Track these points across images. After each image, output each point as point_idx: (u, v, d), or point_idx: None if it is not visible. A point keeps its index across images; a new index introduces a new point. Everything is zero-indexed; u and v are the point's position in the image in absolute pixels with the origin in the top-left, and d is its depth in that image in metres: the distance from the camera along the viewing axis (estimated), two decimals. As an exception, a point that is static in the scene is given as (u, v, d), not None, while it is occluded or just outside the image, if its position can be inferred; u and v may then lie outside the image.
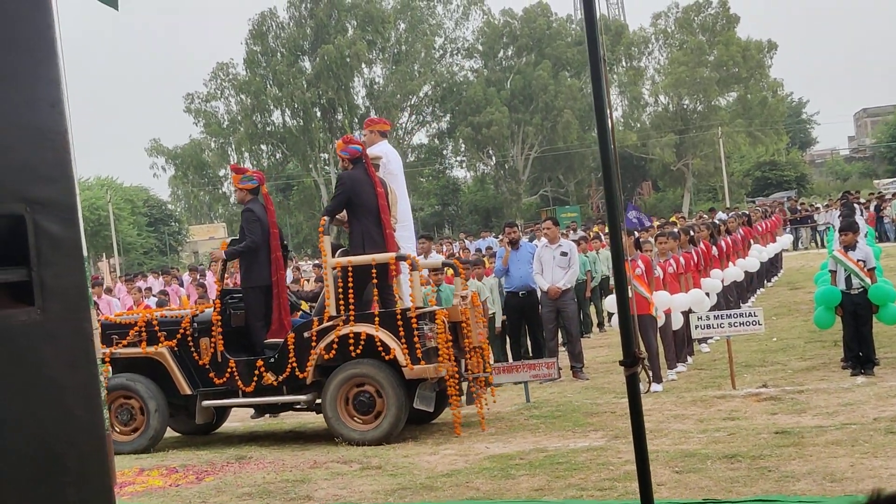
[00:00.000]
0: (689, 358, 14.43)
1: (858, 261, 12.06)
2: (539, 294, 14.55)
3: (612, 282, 20.27)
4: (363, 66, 67.90)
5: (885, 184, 51.96)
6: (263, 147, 69.66)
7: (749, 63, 68.38)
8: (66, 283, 2.73)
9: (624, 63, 73.52)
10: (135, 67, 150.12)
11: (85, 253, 2.61)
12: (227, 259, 12.04)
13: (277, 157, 70.70)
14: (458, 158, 75.82)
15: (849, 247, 12.24)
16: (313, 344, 11.07)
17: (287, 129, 67.55)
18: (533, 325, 14.91)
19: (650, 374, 10.98)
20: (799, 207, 43.03)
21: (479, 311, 11.92)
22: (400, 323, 10.82)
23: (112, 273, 48.62)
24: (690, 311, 13.49)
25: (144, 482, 9.85)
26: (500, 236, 34.92)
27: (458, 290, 11.87)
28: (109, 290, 25.34)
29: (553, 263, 14.34)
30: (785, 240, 29.03)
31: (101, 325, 11.82)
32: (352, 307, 10.98)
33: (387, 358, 10.88)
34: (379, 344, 10.87)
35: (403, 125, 70.84)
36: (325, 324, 11.09)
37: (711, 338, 15.35)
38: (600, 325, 20.36)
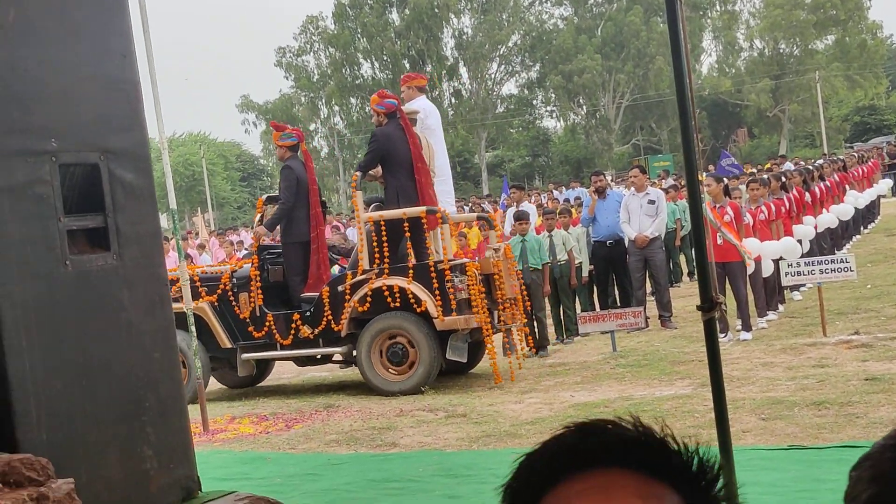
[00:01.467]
0: (780, 306, 14.24)
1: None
2: (627, 243, 14.46)
3: (702, 230, 20.07)
4: (452, 16, 67.59)
5: None
6: (353, 100, 69.94)
7: (847, 4, 66.43)
8: (141, 230, 2.81)
9: (718, 7, 72.04)
10: (225, 23, 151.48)
11: (174, 205, 2.67)
12: (269, 230, 12.29)
13: (367, 110, 70.90)
14: (549, 108, 75.17)
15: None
16: (347, 297, 11.28)
17: (376, 81, 67.64)
18: (620, 275, 14.84)
19: (727, 319, 10.88)
20: (898, 152, 41.93)
21: (513, 265, 12.10)
22: (433, 275, 10.97)
23: (206, 227, 49.52)
24: (782, 258, 13.29)
25: (236, 429, 10.09)
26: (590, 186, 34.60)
27: (491, 242, 12.00)
28: (203, 247, 25.80)
29: (640, 212, 14.22)
30: (882, 186, 28.32)
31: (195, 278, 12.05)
32: (386, 260, 11.12)
33: (419, 310, 11.04)
34: (411, 296, 11.03)
35: (493, 75, 70.50)
36: (359, 277, 11.27)
37: (804, 285, 15.11)
38: (690, 273, 20.15)
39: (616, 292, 15.16)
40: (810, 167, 21.29)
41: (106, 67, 2.84)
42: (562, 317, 14.06)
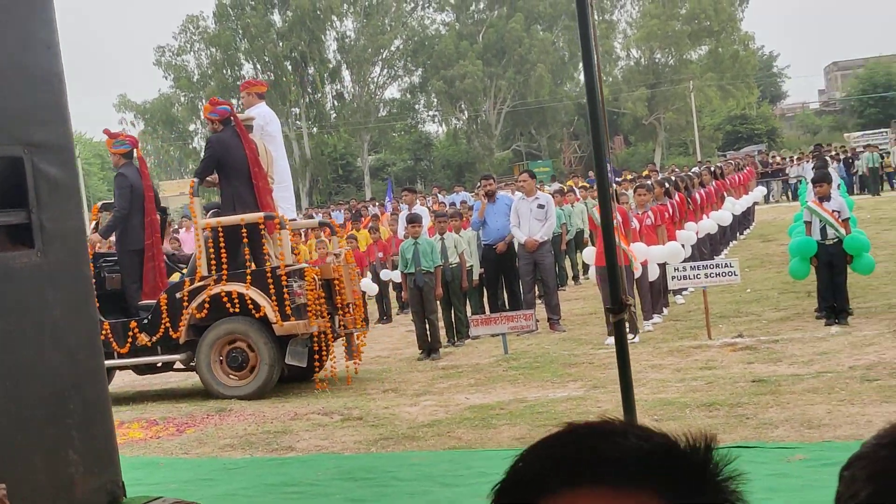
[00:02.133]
0: (664, 309, 14.53)
1: (833, 211, 12.15)
2: (516, 246, 14.58)
3: (587, 235, 20.40)
4: (335, 18, 67.33)
5: (856, 137, 52.14)
6: (234, 101, 69.03)
7: (721, 16, 68.23)
8: (65, 227, 2.71)
9: (596, 16, 73.18)
10: (102, 20, 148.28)
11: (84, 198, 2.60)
12: (103, 237, 12.24)
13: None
14: (431, 113, 75.49)
15: (823, 198, 12.32)
16: (185, 304, 11.26)
17: (258, 83, 66.97)
18: (510, 278, 14.96)
19: (636, 321, 11.08)
20: (770, 161, 43.20)
21: (354, 269, 12.33)
22: (270, 281, 11.02)
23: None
24: (666, 262, 13.57)
25: (125, 434, 9.86)
26: (476, 190, 34.84)
27: (331, 248, 12.18)
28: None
29: (530, 216, 14.36)
30: (757, 193, 29.16)
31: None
32: (224, 266, 11.12)
33: (257, 315, 11.09)
34: (250, 302, 11.07)
35: (375, 79, 70.46)
36: (197, 284, 11.26)
37: (686, 289, 15.46)
38: (575, 277, 20.45)
39: (505, 295, 15.27)
40: (691, 174, 21.78)
41: (30, 59, 2.74)
42: (453, 319, 14.11)
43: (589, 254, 13.93)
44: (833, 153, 37.50)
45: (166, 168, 78.79)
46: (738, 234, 24.72)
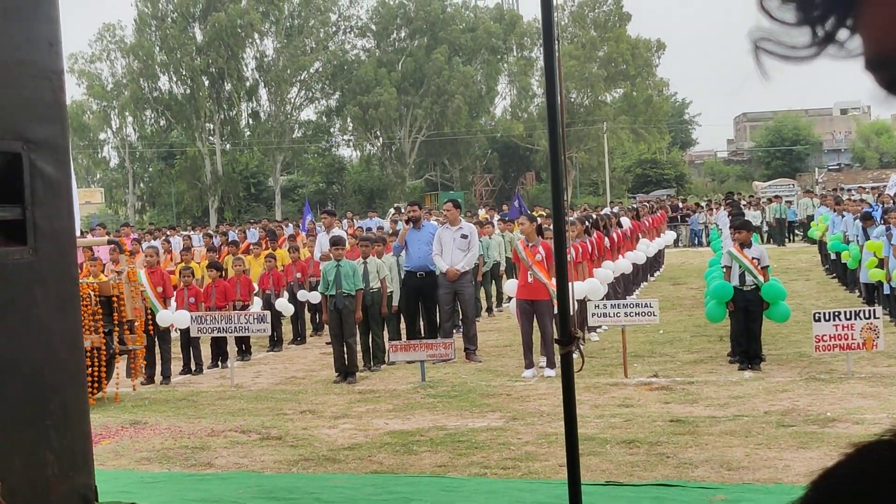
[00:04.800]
0: (581, 345, 14.66)
1: (753, 258, 12.45)
2: (438, 275, 14.63)
3: (503, 267, 20.55)
4: (255, 36, 67.00)
5: (763, 187, 53.41)
6: (148, 113, 68.24)
7: (637, 61, 69.59)
8: (57, 226, 2.68)
9: (515, 53, 74.17)
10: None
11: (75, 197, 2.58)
12: None
13: (161, 124, 69.32)
14: (345, 137, 75.47)
15: (744, 244, 12.62)
16: None
17: (173, 96, 66.27)
18: (429, 306, 15.00)
19: (583, 354, 11.17)
20: (681, 206, 44.02)
21: (136, 288, 12.59)
22: None
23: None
24: (587, 298, 13.74)
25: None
26: (391, 216, 34.85)
27: (118, 266, 12.50)
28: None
29: (453, 245, 14.44)
30: (669, 236, 29.70)
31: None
32: None
33: None
34: None
35: (292, 100, 70.19)
36: None
37: (601, 327, 15.65)
38: (489, 309, 20.57)
39: (422, 322, 15.30)
40: (609, 213, 22.12)
41: (32, 55, 2.71)
42: (371, 344, 14.09)
43: (511, 286, 14.05)
44: (745, 202, 38.36)
45: (74, 176, 77.28)
46: (648, 276, 25.14)
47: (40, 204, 2.74)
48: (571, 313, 5.18)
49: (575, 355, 5.05)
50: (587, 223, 16.55)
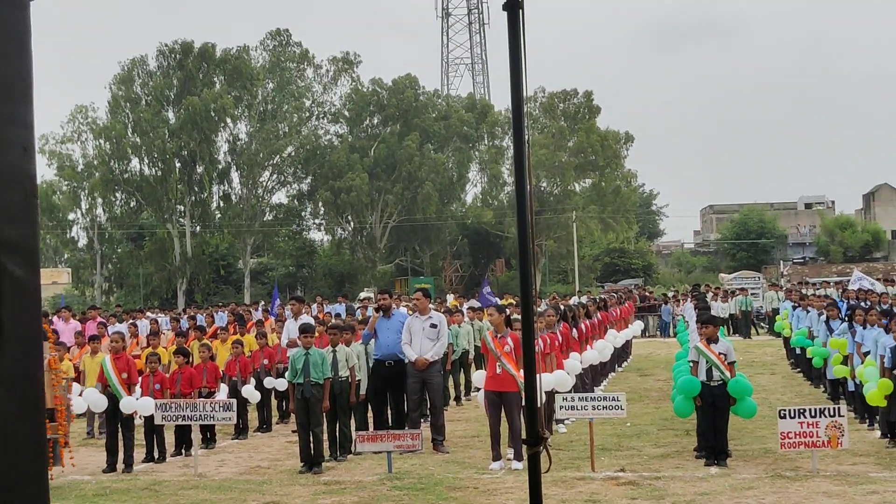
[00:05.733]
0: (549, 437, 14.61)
1: (720, 354, 12.51)
2: (406, 364, 14.58)
3: (472, 355, 20.52)
4: (228, 120, 67.44)
5: (729, 279, 53.84)
6: (118, 194, 68.25)
7: (606, 152, 70.53)
8: (24, 329, 2.67)
9: (486, 141, 75.02)
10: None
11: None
12: None
13: (132, 205, 69.33)
14: (317, 221, 75.73)
15: (710, 339, 12.69)
16: None
17: (144, 178, 66.39)
18: (397, 395, 14.94)
19: (550, 453, 11.14)
20: (647, 295, 44.24)
21: (58, 375, 12.37)
22: None
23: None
24: (555, 390, 13.73)
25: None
26: (360, 302, 34.79)
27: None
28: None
29: (422, 334, 14.43)
30: (636, 327, 29.79)
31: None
32: None
33: None
34: None
35: (264, 183, 70.48)
36: None
37: (567, 419, 15.61)
38: (457, 398, 20.49)
39: (390, 412, 15.21)
40: (578, 304, 22.20)
41: (6, 159, 2.74)
42: (337, 433, 13.98)
43: (479, 377, 14.03)
44: (711, 294, 38.59)
45: (41, 256, 76.97)
46: (616, 366, 25.15)
47: (10, 307, 2.73)
48: (539, 406, 5.16)
49: (542, 455, 5.02)
50: (559, 313, 16.59)
